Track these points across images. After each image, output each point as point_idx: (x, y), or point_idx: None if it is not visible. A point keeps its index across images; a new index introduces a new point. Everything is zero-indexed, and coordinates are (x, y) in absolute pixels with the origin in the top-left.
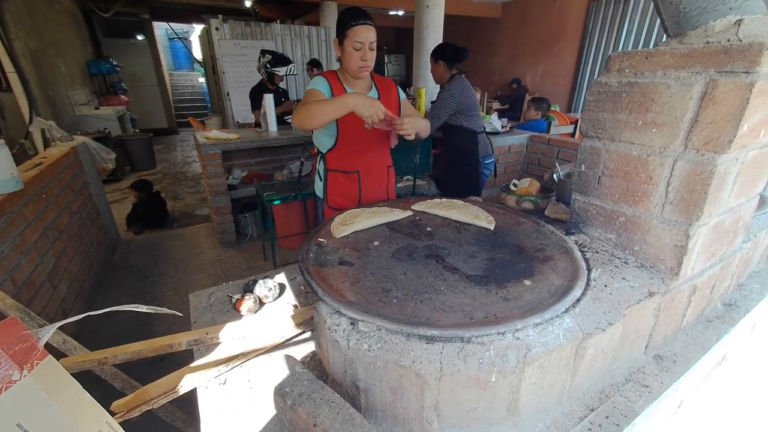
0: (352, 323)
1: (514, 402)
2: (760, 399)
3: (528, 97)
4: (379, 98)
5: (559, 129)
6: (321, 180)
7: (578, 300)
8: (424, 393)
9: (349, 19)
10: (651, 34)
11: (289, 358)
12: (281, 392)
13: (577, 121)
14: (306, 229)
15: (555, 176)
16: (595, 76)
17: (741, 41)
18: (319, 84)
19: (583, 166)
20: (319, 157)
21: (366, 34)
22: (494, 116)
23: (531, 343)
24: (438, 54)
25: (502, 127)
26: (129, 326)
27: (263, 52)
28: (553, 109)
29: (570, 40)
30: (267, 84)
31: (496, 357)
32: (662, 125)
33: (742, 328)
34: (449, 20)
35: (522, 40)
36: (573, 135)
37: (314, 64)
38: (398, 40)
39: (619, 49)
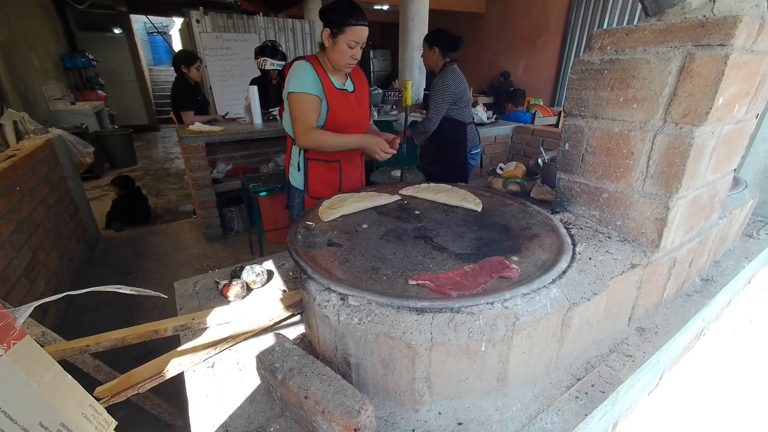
0: (341, 299)
1: (504, 372)
2: (738, 370)
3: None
4: (354, 90)
5: (543, 120)
6: (300, 170)
7: (564, 272)
8: (415, 364)
9: (349, 16)
10: None
11: (279, 336)
12: (271, 368)
13: (560, 113)
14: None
15: (540, 160)
16: None
17: (715, 16)
18: (309, 80)
19: (567, 145)
20: (297, 148)
21: (363, 35)
22: (479, 107)
23: (519, 312)
24: (433, 40)
25: (488, 118)
26: (113, 320)
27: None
28: (536, 102)
29: (553, 34)
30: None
31: (486, 326)
32: (642, 100)
33: (719, 303)
34: (434, 14)
35: (506, 34)
36: (556, 126)
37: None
38: (383, 35)
39: None
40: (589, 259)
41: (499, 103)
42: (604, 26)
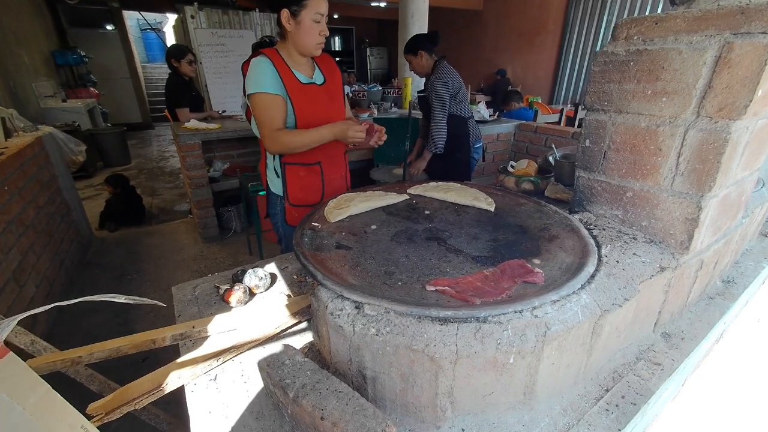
0: (356, 307)
1: (531, 385)
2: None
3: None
4: (325, 81)
5: (545, 118)
6: (278, 176)
7: (593, 276)
8: (439, 378)
9: None
10: None
11: (287, 347)
12: (281, 384)
13: (562, 110)
14: None
15: (551, 158)
16: (576, 69)
17: (757, 1)
18: (267, 78)
19: (587, 141)
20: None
21: (325, 5)
22: (481, 105)
23: (550, 320)
24: (415, 47)
25: (489, 115)
26: (106, 327)
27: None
28: (534, 101)
29: (551, 32)
30: None
31: (515, 337)
32: (673, 93)
33: (739, 305)
34: (432, 12)
35: (504, 32)
36: (559, 123)
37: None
38: (380, 32)
39: (599, 43)
40: (617, 262)
41: (498, 100)
42: (603, 24)
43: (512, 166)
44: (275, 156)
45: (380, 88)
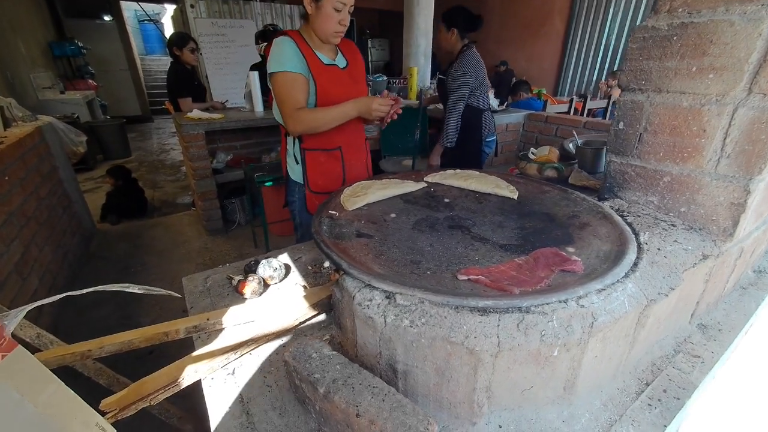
0: (387, 297)
1: (573, 378)
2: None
3: (513, 80)
4: (347, 65)
5: (554, 108)
6: (298, 163)
7: (635, 264)
8: (478, 373)
9: None
10: (636, 18)
11: (311, 340)
12: (310, 379)
13: (571, 100)
14: None
15: (571, 145)
16: (582, 60)
17: None
18: (290, 57)
19: (621, 123)
20: (290, 137)
21: None
22: (491, 94)
23: (597, 311)
24: (451, 20)
25: (498, 105)
26: (111, 318)
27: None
28: (539, 92)
29: (556, 23)
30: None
31: (560, 328)
32: (722, 69)
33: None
34: (437, 0)
35: (508, 22)
36: (568, 113)
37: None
38: (381, 23)
39: (605, 34)
40: (658, 249)
41: (502, 92)
42: (610, 14)
43: (533, 153)
44: (295, 141)
45: (385, 78)
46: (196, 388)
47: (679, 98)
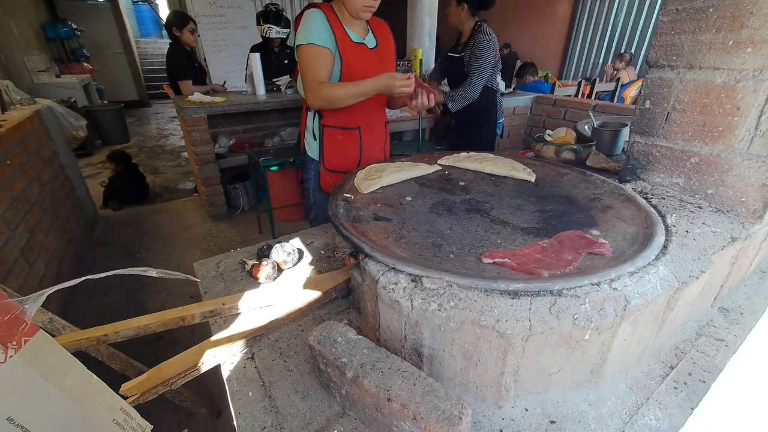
0: (413, 280)
1: (601, 362)
2: None
3: (518, 64)
4: (377, 46)
5: (562, 90)
6: (315, 139)
7: (665, 247)
8: (507, 356)
9: None
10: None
11: (337, 324)
12: (337, 363)
13: (580, 82)
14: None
15: (587, 126)
16: (588, 42)
17: None
18: (318, 30)
19: (647, 102)
20: (311, 112)
21: None
22: (498, 76)
23: (629, 294)
24: None
25: (506, 87)
26: (119, 304)
27: (262, 18)
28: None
29: (562, 3)
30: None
31: (593, 311)
32: (761, 43)
33: None
34: None
35: (512, 1)
36: (576, 96)
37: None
38: (381, 9)
39: (612, 15)
40: (687, 232)
41: (506, 75)
42: None
43: (549, 135)
44: (315, 117)
45: None
46: (209, 372)
47: (712, 74)
